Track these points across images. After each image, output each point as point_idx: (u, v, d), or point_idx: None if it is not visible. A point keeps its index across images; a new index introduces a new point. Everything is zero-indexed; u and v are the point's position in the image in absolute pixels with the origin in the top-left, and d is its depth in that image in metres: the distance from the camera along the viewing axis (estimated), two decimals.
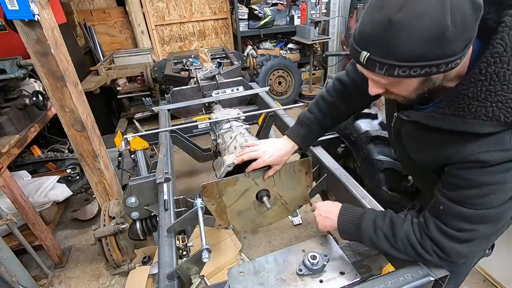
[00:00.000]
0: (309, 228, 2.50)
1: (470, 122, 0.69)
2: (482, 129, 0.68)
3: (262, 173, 1.21)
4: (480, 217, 0.74)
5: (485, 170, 0.70)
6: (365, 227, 0.90)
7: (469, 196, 0.74)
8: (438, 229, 0.80)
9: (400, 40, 0.60)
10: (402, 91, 0.74)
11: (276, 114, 1.95)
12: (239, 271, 0.95)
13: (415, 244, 0.83)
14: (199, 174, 3.32)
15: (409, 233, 0.84)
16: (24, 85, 2.44)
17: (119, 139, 2.03)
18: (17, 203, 1.94)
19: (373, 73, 0.68)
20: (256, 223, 1.36)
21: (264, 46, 4.97)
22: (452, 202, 0.76)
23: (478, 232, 0.76)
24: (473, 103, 0.67)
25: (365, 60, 0.67)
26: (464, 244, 0.78)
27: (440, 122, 0.74)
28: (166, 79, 3.24)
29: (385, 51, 0.63)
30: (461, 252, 0.79)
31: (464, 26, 0.59)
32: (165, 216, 1.16)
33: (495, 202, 0.72)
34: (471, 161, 0.70)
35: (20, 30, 1.55)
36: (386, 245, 0.87)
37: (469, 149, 0.70)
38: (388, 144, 1.39)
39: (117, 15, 4.34)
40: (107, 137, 2.44)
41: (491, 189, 0.71)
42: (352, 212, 0.97)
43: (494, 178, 0.70)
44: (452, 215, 0.77)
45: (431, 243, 0.81)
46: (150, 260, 2.17)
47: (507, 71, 0.62)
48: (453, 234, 0.77)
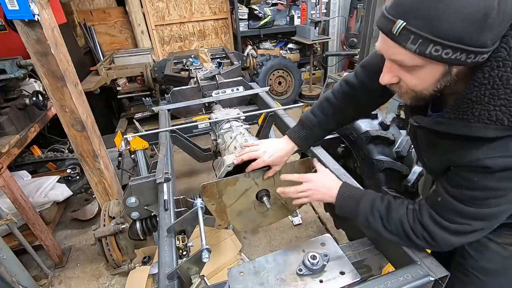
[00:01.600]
0: (309, 228, 2.50)
1: (474, 126, 0.68)
2: (485, 133, 0.67)
3: (262, 173, 1.21)
4: (476, 214, 0.76)
5: (489, 175, 0.70)
6: (363, 205, 0.93)
7: (470, 196, 0.75)
8: (431, 218, 0.82)
9: (446, 13, 0.57)
10: (419, 82, 0.70)
11: (276, 114, 1.95)
12: (239, 271, 0.95)
13: (407, 228, 0.85)
14: (199, 174, 3.32)
15: (403, 217, 0.87)
16: (24, 85, 2.44)
17: (119, 139, 2.03)
18: (17, 203, 1.94)
19: (403, 48, 0.64)
20: (256, 223, 1.36)
21: (264, 46, 4.97)
22: (452, 198, 0.78)
23: (470, 226, 0.78)
24: (476, 106, 0.67)
25: (398, 30, 0.62)
26: (454, 235, 0.80)
27: (446, 127, 0.74)
28: (166, 79, 3.24)
29: (425, 23, 0.59)
30: (450, 242, 0.81)
31: (504, 16, 0.58)
32: (165, 216, 1.16)
33: (494, 203, 0.74)
34: (477, 166, 0.71)
35: (20, 30, 1.55)
36: (380, 226, 0.90)
37: (474, 154, 0.70)
38: (388, 144, 1.38)
39: (117, 15, 4.34)
40: (107, 137, 2.44)
41: (494, 193, 0.72)
42: (353, 189, 1.00)
43: (498, 184, 0.71)
44: (449, 209, 0.79)
45: (421, 229, 0.83)
46: (150, 260, 2.17)
47: (511, 74, 0.62)
48: (444, 225, 0.80)
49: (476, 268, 1.01)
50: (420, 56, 0.63)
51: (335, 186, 1.03)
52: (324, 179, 1.07)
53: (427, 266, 0.87)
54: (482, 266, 1.00)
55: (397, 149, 1.39)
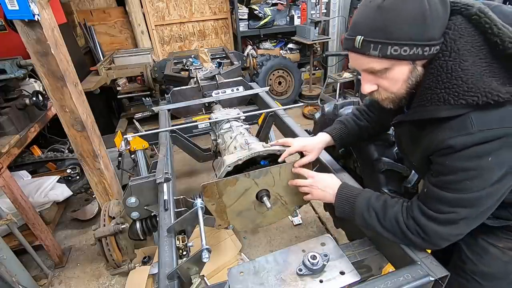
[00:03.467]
0: (309, 228, 2.50)
1: (429, 110, 0.78)
2: (439, 113, 0.76)
3: (262, 173, 1.21)
4: (458, 201, 0.78)
5: (455, 155, 0.75)
6: (359, 204, 0.96)
7: (447, 181, 0.79)
8: (419, 210, 0.86)
9: (390, 20, 0.71)
10: (393, 84, 0.81)
11: (276, 114, 1.95)
12: (239, 271, 0.95)
13: (402, 224, 0.88)
14: (199, 174, 3.32)
15: (398, 214, 0.90)
16: (24, 85, 2.44)
17: (119, 139, 2.03)
18: (17, 203, 1.94)
19: (367, 55, 0.76)
20: (256, 223, 1.36)
21: (264, 46, 4.97)
22: (434, 186, 0.82)
23: (457, 214, 0.80)
24: (429, 92, 0.78)
25: (360, 44, 0.76)
26: (443, 226, 0.82)
27: (411, 115, 0.85)
28: (166, 79, 3.24)
29: (377, 32, 0.73)
30: (439, 233, 0.83)
31: (438, 14, 0.71)
32: (165, 216, 1.16)
33: (473, 187, 0.76)
34: (443, 148, 0.76)
35: (20, 30, 1.55)
36: (376, 223, 0.93)
37: (439, 136, 0.77)
38: (388, 145, 1.38)
39: (117, 15, 4.34)
40: (107, 137, 2.44)
41: (467, 174, 0.75)
42: (350, 189, 1.03)
43: (466, 164, 0.74)
44: (433, 198, 0.82)
45: (414, 224, 0.86)
46: (150, 260, 2.17)
47: (449, 62, 0.73)
48: (431, 215, 0.83)
49: (476, 273, 1.02)
50: (384, 59, 0.75)
51: (335, 185, 1.06)
52: (325, 178, 1.10)
53: (427, 266, 0.87)
54: (482, 271, 1.01)
55: (397, 150, 1.39)
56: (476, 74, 0.71)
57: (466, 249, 1.05)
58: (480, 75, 0.70)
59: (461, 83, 0.72)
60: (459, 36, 0.73)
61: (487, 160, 0.72)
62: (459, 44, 0.72)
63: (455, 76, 0.72)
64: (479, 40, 0.71)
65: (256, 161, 1.31)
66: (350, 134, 1.26)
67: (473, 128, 0.71)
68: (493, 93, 0.69)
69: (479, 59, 0.71)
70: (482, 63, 0.71)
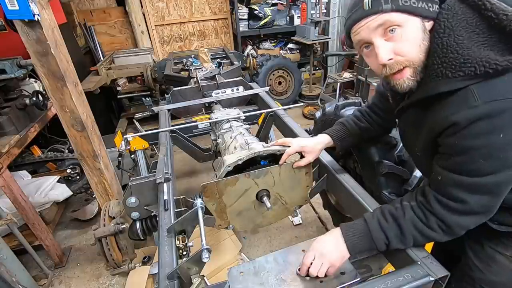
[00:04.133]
0: (309, 228, 2.50)
1: (429, 86, 0.79)
2: (438, 88, 0.76)
3: (262, 173, 1.21)
4: (476, 185, 0.76)
5: (462, 133, 0.73)
6: (377, 237, 0.88)
7: (460, 162, 0.76)
8: (438, 202, 0.82)
9: None
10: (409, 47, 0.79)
11: (276, 114, 1.95)
12: (239, 271, 0.95)
13: (422, 228, 0.85)
14: (199, 174, 3.32)
15: (414, 220, 0.85)
16: (24, 85, 2.44)
17: (119, 139, 2.03)
18: (17, 203, 1.94)
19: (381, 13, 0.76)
20: (256, 223, 1.36)
21: (264, 46, 4.97)
22: (448, 171, 0.79)
23: (477, 203, 0.78)
24: (429, 70, 0.79)
25: (370, 4, 0.77)
26: (465, 216, 0.80)
27: (415, 95, 0.86)
28: (166, 79, 3.23)
29: None
30: (462, 224, 0.82)
31: None
32: (165, 216, 1.16)
33: (488, 168, 0.73)
34: (448, 126, 0.75)
35: (20, 30, 1.55)
36: (397, 243, 0.88)
37: (442, 113, 0.76)
38: (389, 148, 1.38)
39: (117, 15, 4.34)
40: (107, 137, 2.44)
41: (478, 153, 0.73)
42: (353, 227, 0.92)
43: (475, 142, 0.72)
44: (450, 184, 0.79)
45: (435, 219, 0.83)
46: (150, 260, 2.17)
47: (443, 38, 0.75)
48: (453, 206, 0.80)
49: (484, 281, 1.01)
50: (397, 12, 0.76)
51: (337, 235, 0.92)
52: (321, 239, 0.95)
53: (427, 266, 0.87)
54: (490, 279, 1.00)
55: (398, 153, 1.38)
56: (473, 47, 0.72)
57: (474, 257, 1.04)
58: (477, 48, 0.71)
59: (457, 56, 0.73)
60: (453, 14, 0.75)
61: (498, 137, 0.69)
62: (452, 21, 0.74)
63: (451, 50, 0.74)
64: (475, 17, 0.73)
65: (256, 161, 1.31)
66: (350, 135, 1.26)
67: (477, 101, 0.70)
68: (490, 62, 0.68)
69: (476, 34, 0.72)
70: (479, 37, 0.72)
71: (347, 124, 1.26)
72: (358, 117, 1.26)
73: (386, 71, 0.83)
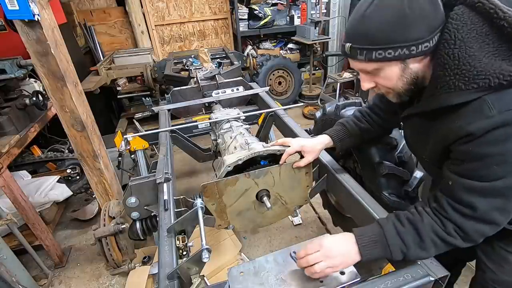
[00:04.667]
0: (309, 228, 2.50)
1: (441, 98, 0.78)
2: (451, 100, 0.76)
3: (262, 173, 1.21)
4: (488, 190, 0.76)
5: (477, 141, 0.73)
6: (393, 243, 0.84)
7: (472, 168, 0.77)
8: (452, 208, 0.81)
9: (371, 28, 0.76)
10: (387, 81, 0.84)
11: (276, 114, 1.95)
12: (239, 271, 0.95)
13: (441, 234, 0.82)
14: (199, 174, 3.32)
15: (434, 226, 0.83)
16: (24, 85, 2.44)
17: (119, 139, 2.03)
18: (17, 203, 1.94)
19: (356, 60, 0.82)
20: (256, 223, 1.36)
21: (264, 46, 4.97)
22: (459, 176, 0.79)
23: (489, 207, 0.77)
24: (438, 81, 0.78)
25: (348, 50, 0.82)
26: (481, 223, 0.79)
27: (422, 106, 0.86)
28: (166, 79, 3.23)
29: (361, 39, 0.78)
30: (479, 231, 0.80)
31: (423, 14, 0.73)
32: (165, 216, 1.16)
33: (500, 173, 0.74)
34: (463, 136, 0.75)
35: (20, 30, 1.55)
36: (417, 251, 0.84)
37: (457, 124, 0.76)
38: (390, 148, 1.38)
39: (117, 15, 4.34)
40: (107, 137, 2.44)
41: (493, 160, 0.73)
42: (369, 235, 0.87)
43: (490, 148, 0.72)
44: (462, 189, 0.79)
45: (452, 225, 0.82)
46: (150, 260, 2.17)
47: (455, 50, 0.74)
48: (467, 213, 0.79)
49: (497, 282, 1.02)
50: (372, 62, 0.79)
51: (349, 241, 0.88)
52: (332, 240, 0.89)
53: (427, 266, 0.87)
54: (503, 280, 1.00)
55: (399, 154, 1.38)
56: (484, 58, 0.71)
57: (485, 258, 1.04)
58: (488, 59, 0.71)
59: (470, 68, 0.72)
60: (462, 25, 0.73)
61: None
62: (462, 32, 0.73)
63: (463, 62, 0.73)
64: (484, 27, 0.72)
65: (256, 161, 1.31)
66: (350, 136, 1.26)
67: (492, 112, 0.70)
68: (504, 74, 0.68)
69: (486, 44, 0.71)
70: (490, 48, 0.71)
71: (347, 125, 1.27)
72: (358, 118, 1.26)
73: None
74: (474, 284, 1.13)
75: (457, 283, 1.51)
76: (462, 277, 1.50)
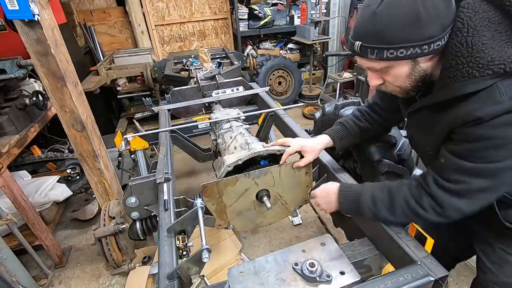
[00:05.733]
0: (309, 228, 2.50)
1: (454, 87, 0.77)
2: (464, 89, 0.75)
3: (262, 173, 1.21)
4: (477, 170, 0.78)
5: (484, 124, 0.74)
6: (364, 200, 0.97)
7: (470, 149, 0.78)
8: (436, 183, 0.85)
9: (383, 26, 0.74)
10: (396, 79, 0.84)
11: (276, 114, 1.95)
12: (239, 271, 0.95)
13: (414, 206, 0.88)
14: (199, 174, 3.32)
15: (407, 197, 0.90)
16: (24, 85, 2.44)
17: (119, 139, 2.03)
18: (17, 203, 1.94)
19: (367, 58, 0.81)
20: (256, 223, 1.36)
21: (264, 46, 4.97)
22: (454, 155, 0.81)
23: (473, 185, 0.80)
24: (451, 70, 0.77)
25: (358, 48, 0.81)
26: (459, 197, 0.82)
27: (434, 98, 0.84)
28: (166, 79, 3.24)
29: (372, 38, 0.77)
30: (455, 205, 0.84)
31: (436, 12, 0.72)
32: (165, 216, 1.16)
33: (495, 157, 0.76)
34: (471, 120, 0.75)
35: (20, 30, 1.55)
36: (387, 215, 0.94)
37: (465, 110, 0.76)
38: (389, 147, 1.38)
39: (117, 15, 4.34)
40: (107, 137, 2.44)
41: (492, 143, 0.74)
42: (350, 189, 1.03)
43: (492, 131, 0.74)
44: (452, 168, 0.82)
45: (428, 199, 0.86)
46: (150, 260, 2.17)
47: (468, 38, 0.73)
48: (448, 187, 0.83)
49: (498, 283, 1.02)
50: (382, 61, 0.79)
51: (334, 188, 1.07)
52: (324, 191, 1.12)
53: (427, 266, 0.87)
54: (503, 281, 1.01)
55: (398, 152, 1.38)
56: (496, 46, 0.71)
57: (486, 260, 1.05)
58: (501, 47, 0.71)
59: (483, 55, 0.71)
60: (474, 13, 0.73)
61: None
62: (475, 20, 0.72)
63: (477, 50, 0.72)
64: (497, 15, 0.72)
65: (256, 161, 1.31)
66: (350, 135, 1.26)
67: (503, 97, 0.71)
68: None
69: (498, 33, 0.71)
70: (503, 36, 0.71)
71: (346, 124, 1.27)
72: (357, 117, 1.26)
73: None
74: (475, 285, 1.14)
75: (457, 283, 1.51)
76: (462, 277, 1.51)
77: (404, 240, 0.95)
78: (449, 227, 1.23)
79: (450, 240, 1.26)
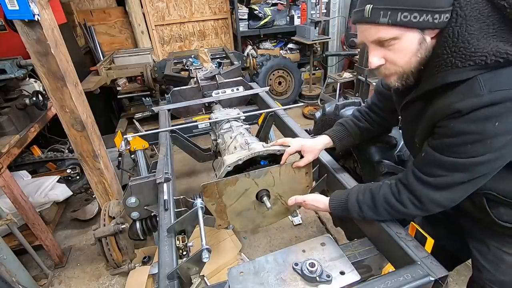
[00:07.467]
0: (309, 228, 2.50)
1: (438, 77, 0.78)
2: (447, 78, 0.76)
3: (262, 173, 1.21)
4: (455, 165, 0.79)
5: (462, 118, 0.74)
6: (351, 206, 1.00)
7: (448, 143, 0.79)
8: (414, 176, 0.87)
9: None
10: (401, 56, 0.80)
11: (276, 114, 1.95)
12: (239, 271, 0.95)
13: (394, 203, 0.92)
14: (199, 174, 3.32)
15: (387, 195, 0.93)
16: (24, 85, 2.44)
17: (119, 139, 2.03)
18: (17, 203, 1.94)
19: (377, 24, 0.76)
20: (256, 223, 1.36)
21: (264, 46, 4.97)
22: (433, 150, 0.83)
23: (451, 178, 0.81)
24: (436, 60, 0.78)
25: (369, 12, 0.76)
26: (436, 190, 0.84)
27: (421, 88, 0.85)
28: (166, 79, 3.24)
29: None
30: (433, 198, 0.85)
31: None
32: (165, 216, 1.16)
33: (472, 152, 0.76)
34: (450, 113, 0.76)
35: (20, 30, 1.55)
36: (372, 215, 0.98)
37: (447, 101, 0.77)
38: (389, 147, 1.38)
39: (117, 15, 4.34)
40: (107, 137, 2.44)
41: (471, 138, 0.75)
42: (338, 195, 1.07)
43: (470, 126, 0.74)
44: (430, 162, 0.83)
45: (407, 194, 0.89)
46: (150, 260, 2.17)
47: (455, 28, 0.73)
48: (426, 180, 0.84)
49: (494, 282, 1.02)
50: (394, 26, 0.75)
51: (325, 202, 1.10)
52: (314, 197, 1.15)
53: (427, 266, 0.87)
54: (499, 280, 1.01)
55: (398, 153, 1.38)
56: (482, 38, 0.71)
57: (481, 258, 1.05)
58: (486, 40, 0.71)
59: (468, 45, 0.72)
60: (466, 3, 0.73)
61: (493, 125, 0.71)
62: (465, 10, 0.72)
63: (462, 40, 0.73)
64: (487, 7, 0.72)
65: (256, 161, 1.31)
66: (350, 136, 1.26)
67: (483, 90, 0.71)
68: (501, 51, 0.68)
69: (486, 25, 0.72)
70: (490, 29, 0.71)
71: (346, 125, 1.27)
72: (357, 117, 1.26)
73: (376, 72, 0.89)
74: (471, 284, 1.13)
75: (457, 283, 1.51)
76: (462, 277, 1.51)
77: (404, 240, 0.94)
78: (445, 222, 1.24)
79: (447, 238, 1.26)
